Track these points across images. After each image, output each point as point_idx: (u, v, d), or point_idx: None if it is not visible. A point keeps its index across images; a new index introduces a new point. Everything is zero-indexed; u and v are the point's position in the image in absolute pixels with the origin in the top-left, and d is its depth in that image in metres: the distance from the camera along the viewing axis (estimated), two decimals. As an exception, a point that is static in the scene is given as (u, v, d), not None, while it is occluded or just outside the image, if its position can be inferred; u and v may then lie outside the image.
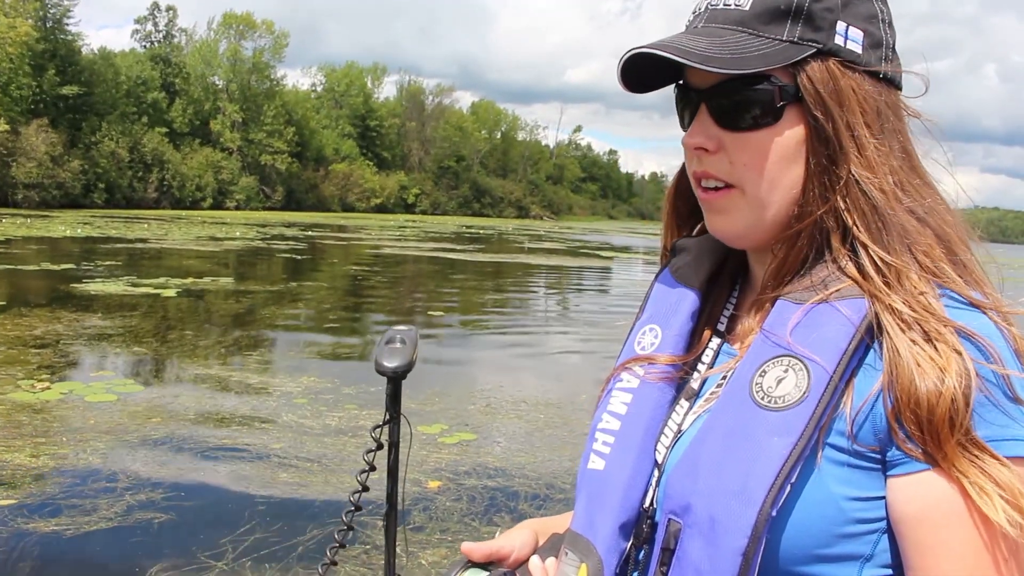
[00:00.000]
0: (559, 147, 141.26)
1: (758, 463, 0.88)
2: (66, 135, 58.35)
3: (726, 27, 0.97)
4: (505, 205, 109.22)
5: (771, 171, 0.97)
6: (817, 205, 0.96)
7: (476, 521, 5.12)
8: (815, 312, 0.93)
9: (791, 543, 0.89)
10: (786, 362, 0.92)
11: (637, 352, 1.12)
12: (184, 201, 66.77)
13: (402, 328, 1.27)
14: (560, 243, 46.05)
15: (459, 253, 31.78)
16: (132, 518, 4.93)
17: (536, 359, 11.12)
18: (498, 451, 6.55)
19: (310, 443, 6.47)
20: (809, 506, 0.89)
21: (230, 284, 17.20)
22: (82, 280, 15.75)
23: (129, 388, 7.91)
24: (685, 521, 0.93)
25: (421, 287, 20.54)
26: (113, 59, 68.07)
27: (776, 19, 0.95)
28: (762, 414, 0.91)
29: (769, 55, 0.94)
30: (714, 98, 0.98)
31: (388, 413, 1.23)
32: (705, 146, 0.99)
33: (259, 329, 12.23)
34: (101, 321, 11.52)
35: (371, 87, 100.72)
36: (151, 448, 6.17)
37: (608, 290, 23.08)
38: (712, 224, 1.03)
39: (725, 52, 0.93)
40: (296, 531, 4.89)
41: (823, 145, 0.95)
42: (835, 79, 0.94)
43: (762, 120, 0.96)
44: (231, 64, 77.23)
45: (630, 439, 1.05)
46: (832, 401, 0.89)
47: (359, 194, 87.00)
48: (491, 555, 1.11)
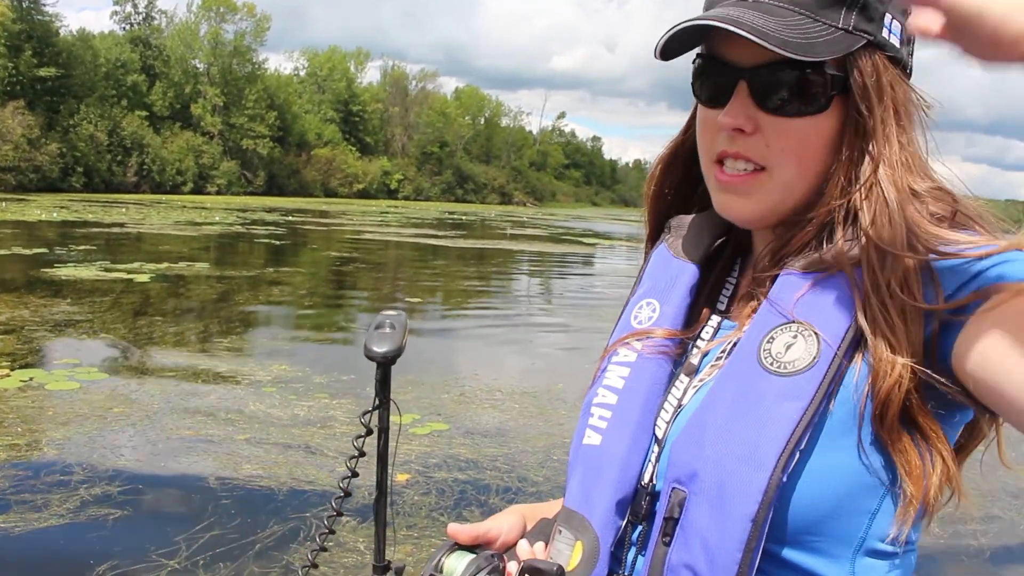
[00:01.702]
0: (543, 133, 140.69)
1: (768, 428, 0.87)
2: (43, 118, 57.43)
3: (784, 6, 0.93)
4: (488, 191, 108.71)
5: (807, 160, 0.96)
6: (838, 197, 0.95)
7: (444, 516, 4.94)
8: (821, 283, 0.93)
9: (800, 508, 0.89)
10: (795, 328, 0.92)
11: (634, 326, 1.10)
12: (164, 185, 66.00)
13: (391, 313, 1.26)
14: (542, 229, 45.83)
15: (440, 239, 31.53)
16: (85, 514, 4.73)
17: (513, 346, 10.94)
18: (470, 442, 6.37)
19: (276, 434, 6.27)
20: (819, 471, 0.88)
21: (205, 269, 16.93)
22: (53, 265, 15.44)
23: (93, 376, 7.68)
24: (691, 489, 0.91)
25: (399, 273, 20.33)
26: (92, 41, 67.09)
27: (834, 4, 0.93)
28: (771, 379, 0.90)
29: (833, 44, 0.92)
30: (759, 78, 0.95)
31: (378, 398, 1.23)
32: (744, 127, 0.96)
33: (232, 315, 11.99)
34: (70, 307, 11.25)
35: (354, 72, 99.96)
36: (110, 439, 5.96)
37: (590, 277, 22.89)
38: (729, 205, 1.01)
39: (796, 35, 0.91)
40: (256, 526, 4.70)
41: (860, 139, 0.95)
42: (879, 74, 0.94)
43: (809, 108, 0.95)
44: (212, 47, 76.29)
45: (628, 413, 1.03)
46: (841, 367, 0.88)
47: (341, 179, 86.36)
48: (478, 538, 1.08)
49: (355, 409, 6.97)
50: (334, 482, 5.44)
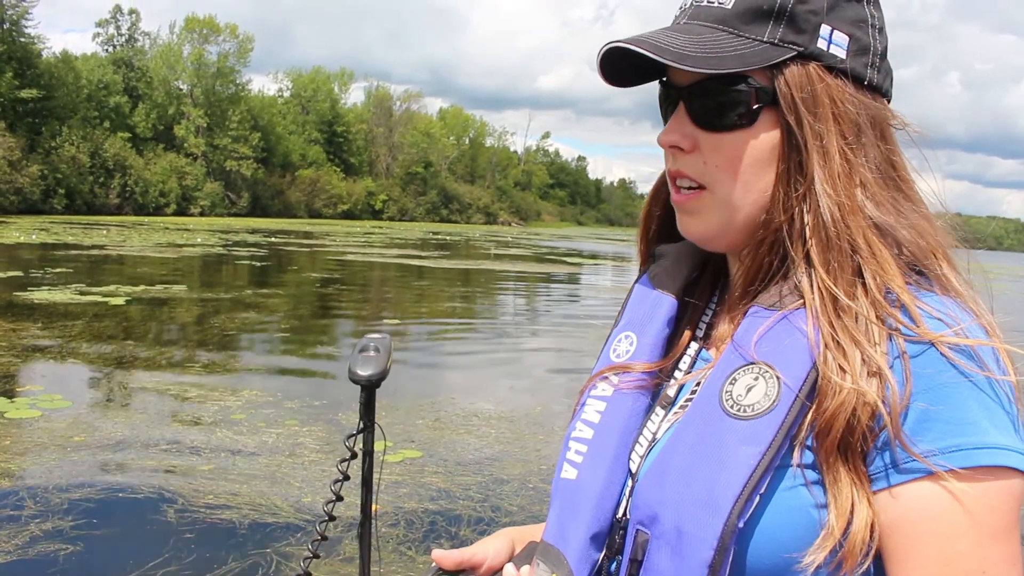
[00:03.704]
0: (527, 153, 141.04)
1: (725, 472, 0.86)
2: (25, 139, 57.03)
3: (707, 25, 0.94)
4: (473, 211, 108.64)
5: (743, 174, 0.95)
6: (780, 213, 0.94)
7: (412, 550, 4.75)
8: (780, 323, 0.92)
9: (759, 554, 0.86)
10: (756, 370, 0.90)
11: (613, 360, 1.09)
12: (147, 207, 65.53)
13: (376, 336, 1.25)
14: (527, 249, 45.72)
15: (423, 260, 31.33)
16: (34, 550, 4.51)
17: (493, 369, 10.76)
18: (443, 470, 6.17)
19: (241, 463, 6.06)
20: (778, 516, 0.86)
21: (183, 292, 16.66)
22: (27, 288, 15.16)
23: (56, 404, 7.44)
24: (652, 532, 0.91)
25: (380, 295, 20.12)
26: (74, 62, 66.83)
27: (758, 19, 0.93)
28: (731, 423, 0.89)
29: (747, 55, 0.91)
30: (692, 97, 0.96)
31: (362, 422, 1.22)
32: (680, 144, 0.97)
33: (206, 339, 11.74)
34: (39, 331, 11.01)
35: (338, 92, 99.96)
36: (67, 470, 5.74)
37: (573, 299, 22.74)
38: (683, 226, 1.02)
39: (702, 50, 0.91)
40: (214, 562, 4.50)
41: (794, 152, 0.93)
42: (812, 84, 0.92)
43: (737, 121, 0.94)
44: (195, 68, 75.99)
45: (603, 448, 1.03)
46: (803, 409, 0.86)
47: (326, 200, 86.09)
48: (462, 563, 1.09)
49: (325, 436, 6.77)
50: (298, 514, 5.25)
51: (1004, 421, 0.84)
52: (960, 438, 0.82)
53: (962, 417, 0.83)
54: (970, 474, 0.82)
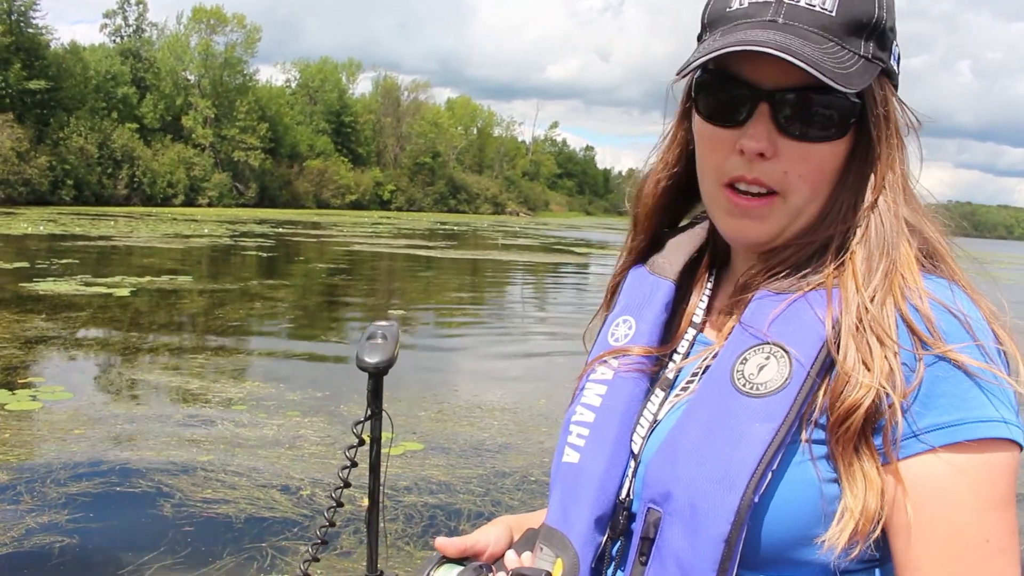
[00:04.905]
0: (535, 143, 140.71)
1: (740, 449, 0.88)
2: (33, 131, 57.04)
3: (814, 31, 0.91)
4: (481, 201, 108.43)
5: (820, 185, 0.96)
6: (840, 222, 0.96)
7: (410, 545, 4.70)
8: (795, 304, 0.93)
9: (773, 528, 0.88)
10: (767, 350, 0.92)
11: (611, 344, 1.10)
12: (155, 198, 65.55)
13: (383, 323, 1.25)
14: (535, 239, 45.62)
15: (430, 250, 31.27)
16: (29, 543, 4.47)
17: (497, 360, 10.70)
18: (445, 463, 6.12)
19: (241, 456, 6.01)
20: (791, 491, 0.88)
21: (188, 283, 16.64)
22: (33, 279, 15.14)
23: (57, 395, 7.41)
24: (665, 509, 0.92)
25: (386, 285, 20.08)
26: (81, 53, 66.80)
27: (856, 32, 0.93)
28: (744, 400, 0.90)
29: (863, 73, 0.91)
30: (783, 103, 0.93)
31: (370, 408, 1.22)
32: (766, 152, 0.94)
33: (209, 330, 11.72)
34: (43, 323, 10.98)
35: (346, 83, 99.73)
36: (66, 462, 5.69)
37: (581, 289, 22.66)
38: (743, 229, 0.99)
39: (835, 64, 0.89)
40: (210, 555, 4.46)
41: (866, 165, 0.95)
42: (888, 101, 0.95)
43: (830, 134, 0.94)
44: (202, 59, 75.90)
45: (604, 431, 1.04)
46: (813, 387, 0.88)
47: (334, 190, 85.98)
48: (465, 550, 1.10)
49: (326, 428, 6.73)
50: (295, 509, 5.20)
51: (1002, 399, 0.88)
52: (961, 412, 0.86)
53: (963, 394, 0.87)
54: (973, 446, 0.86)
